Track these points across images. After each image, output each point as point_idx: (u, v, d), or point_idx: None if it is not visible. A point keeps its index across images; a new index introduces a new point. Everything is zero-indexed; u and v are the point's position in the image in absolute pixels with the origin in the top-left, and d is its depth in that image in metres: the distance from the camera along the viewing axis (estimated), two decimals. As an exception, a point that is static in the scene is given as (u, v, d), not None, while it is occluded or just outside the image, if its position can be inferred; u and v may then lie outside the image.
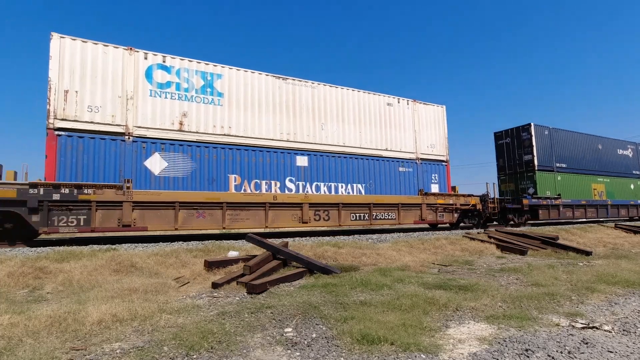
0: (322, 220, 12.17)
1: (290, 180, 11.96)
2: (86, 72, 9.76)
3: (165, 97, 10.54)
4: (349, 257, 8.37)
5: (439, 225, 15.95)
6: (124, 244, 9.31)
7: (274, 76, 12.27)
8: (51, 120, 9.20)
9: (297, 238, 11.14)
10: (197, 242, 9.81)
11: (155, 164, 10.18)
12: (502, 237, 11.65)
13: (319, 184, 12.44)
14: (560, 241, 11.22)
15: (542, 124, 18.79)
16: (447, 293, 5.21)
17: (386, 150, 14.06)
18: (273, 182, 11.73)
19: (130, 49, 10.34)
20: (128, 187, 9.52)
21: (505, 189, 19.39)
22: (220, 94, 11.24)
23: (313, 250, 8.51)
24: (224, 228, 10.70)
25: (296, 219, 11.71)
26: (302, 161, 12.17)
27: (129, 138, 9.97)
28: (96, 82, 9.83)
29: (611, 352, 3.13)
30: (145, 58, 10.51)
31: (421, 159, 14.88)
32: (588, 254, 9.53)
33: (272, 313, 4.26)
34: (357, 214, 12.81)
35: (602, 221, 19.82)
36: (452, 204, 14.89)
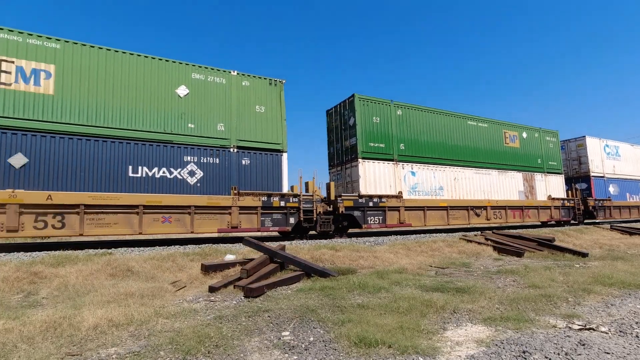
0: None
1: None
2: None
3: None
4: (346, 260, 8.36)
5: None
6: (120, 248, 9.26)
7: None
8: (593, 174, 21.64)
9: (294, 241, 11.12)
10: (194, 245, 9.77)
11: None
12: (498, 239, 11.68)
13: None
14: (556, 243, 11.26)
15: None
16: (445, 295, 5.21)
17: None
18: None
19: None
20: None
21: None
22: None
23: (310, 253, 8.50)
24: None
25: None
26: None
27: (604, 178, 22.21)
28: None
29: (608, 353, 3.14)
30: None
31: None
32: (584, 255, 9.57)
33: (269, 317, 4.24)
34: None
35: None
36: None
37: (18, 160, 8.84)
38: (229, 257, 7.59)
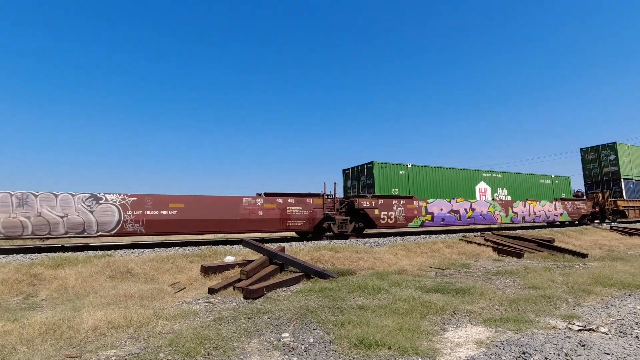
0: None
1: None
2: None
3: None
4: (346, 261, 8.36)
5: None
6: (119, 250, 9.26)
7: None
8: None
9: (294, 243, 11.13)
10: (194, 247, 9.77)
11: None
12: (498, 240, 11.69)
13: None
14: (556, 244, 11.27)
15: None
16: (445, 296, 5.21)
17: None
18: None
19: None
20: None
21: None
22: None
23: (310, 255, 8.50)
24: None
25: None
26: None
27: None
28: None
29: (608, 354, 3.14)
30: None
31: None
32: (584, 256, 9.58)
33: (269, 318, 4.24)
34: None
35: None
36: None
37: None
38: (229, 259, 7.59)
